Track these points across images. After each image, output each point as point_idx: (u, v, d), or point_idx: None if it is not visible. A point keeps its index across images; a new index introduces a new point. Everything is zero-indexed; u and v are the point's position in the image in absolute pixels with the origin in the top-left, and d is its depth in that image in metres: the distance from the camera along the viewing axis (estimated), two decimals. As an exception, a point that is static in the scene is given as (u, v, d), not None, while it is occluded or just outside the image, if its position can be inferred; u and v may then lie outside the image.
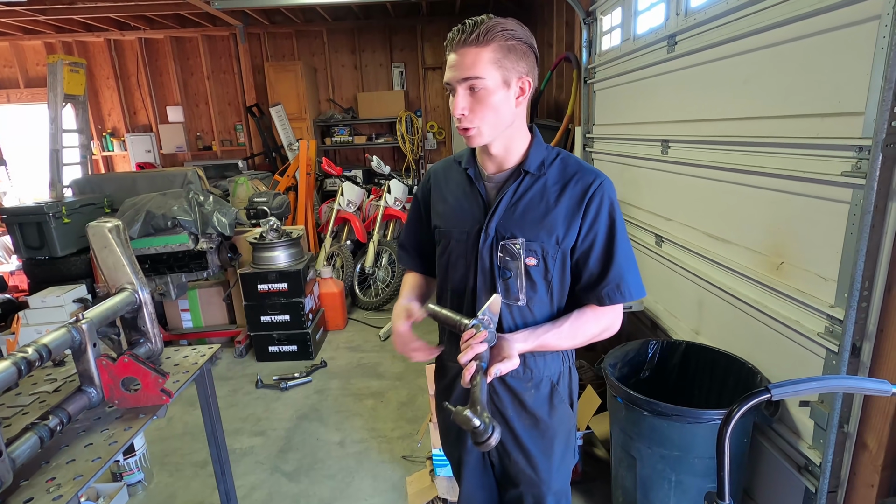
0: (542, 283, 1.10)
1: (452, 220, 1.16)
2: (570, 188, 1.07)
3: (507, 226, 1.09)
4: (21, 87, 6.44)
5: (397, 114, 6.40)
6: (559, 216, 1.07)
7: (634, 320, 2.78)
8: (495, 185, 1.12)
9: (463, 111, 1.01)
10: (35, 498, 0.90)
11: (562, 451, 1.20)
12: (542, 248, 1.08)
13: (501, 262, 1.09)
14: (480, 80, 0.98)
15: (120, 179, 4.70)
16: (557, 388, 1.16)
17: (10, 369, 0.92)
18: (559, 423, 1.17)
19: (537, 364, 1.13)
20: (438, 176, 1.24)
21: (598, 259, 1.08)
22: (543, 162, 1.10)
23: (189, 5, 5.08)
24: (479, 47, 0.98)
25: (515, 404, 1.15)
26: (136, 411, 1.18)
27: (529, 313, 1.11)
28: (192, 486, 2.45)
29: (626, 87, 2.94)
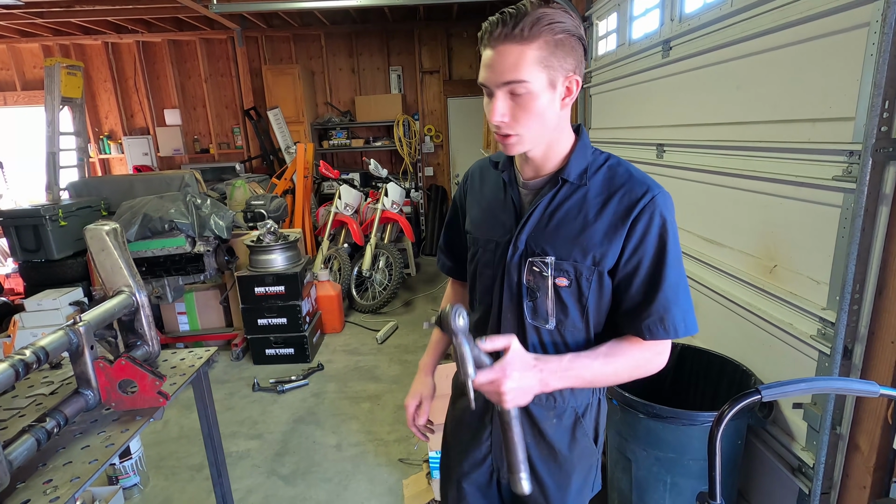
0: (575, 306, 0.97)
1: (483, 228, 1.06)
2: (614, 202, 0.92)
3: (539, 240, 0.96)
4: (18, 90, 6.43)
5: (395, 117, 6.42)
6: (598, 233, 0.93)
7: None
8: (531, 192, 0.99)
9: (503, 118, 0.88)
10: (32, 500, 0.90)
11: (579, 485, 1.08)
12: (574, 269, 0.95)
13: (528, 281, 0.97)
14: (524, 84, 0.84)
15: (117, 182, 4.69)
16: (582, 420, 1.04)
17: (7, 371, 0.92)
18: (579, 457, 1.05)
19: (563, 393, 1.01)
20: (475, 178, 1.14)
21: (641, 286, 0.93)
22: (587, 169, 0.95)
23: (187, 9, 5.09)
24: (522, 44, 0.83)
25: (534, 432, 1.04)
26: (132, 413, 1.18)
27: (560, 337, 0.99)
28: (187, 489, 2.45)
29: (622, 92, 2.97)
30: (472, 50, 6.64)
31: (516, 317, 1.01)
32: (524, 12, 0.83)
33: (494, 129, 0.91)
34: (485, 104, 0.91)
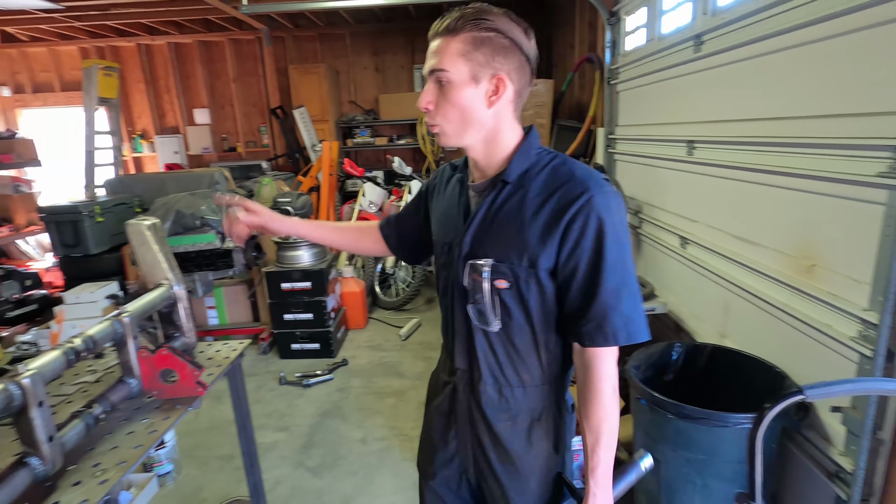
0: (518, 308, 0.96)
1: (440, 230, 1.09)
2: (551, 202, 0.91)
3: (481, 242, 0.97)
4: (57, 91, 6.68)
5: (418, 115, 6.44)
6: (534, 235, 0.92)
7: (658, 323, 2.75)
8: (477, 193, 1.01)
9: (427, 105, 0.92)
10: (83, 482, 0.94)
11: (540, 492, 1.04)
12: (512, 271, 0.94)
13: (470, 284, 0.97)
14: (444, 73, 0.89)
15: (150, 180, 4.83)
16: (539, 424, 1.02)
17: (59, 358, 0.97)
18: (535, 461, 1.03)
19: (515, 396, 1.01)
20: (441, 179, 1.15)
21: (579, 290, 0.92)
22: (528, 170, 0.95)
23: (217, 10, 5.21)
24: (448, 37, 0.89)
25: (490, 435, 1.03)
26: (173, 402, 1.22)
27: (507, 340, 0.99)
28: (218, 478, 2.52)
29: (651, 88, 2.92)
30: (495, 47, 6.61)
31: (464, 319, 1.02)
32: (461, 10, 0.89)
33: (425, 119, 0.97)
34: None
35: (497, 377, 1.01)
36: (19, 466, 0.87)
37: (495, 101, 0.91)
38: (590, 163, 4.16)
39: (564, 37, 5.42)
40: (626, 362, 2.00)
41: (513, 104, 0.94)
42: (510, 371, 1.00)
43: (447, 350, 1.12)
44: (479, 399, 1.03)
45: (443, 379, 1.13)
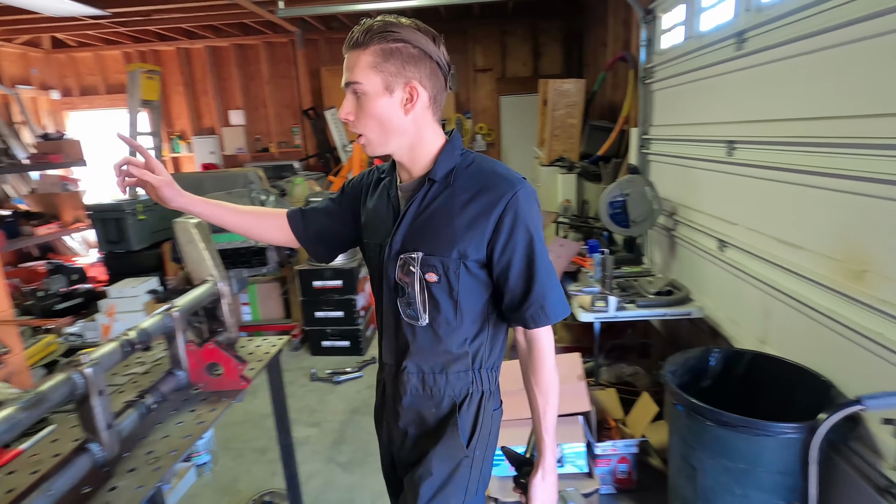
0: (447, 301, 1.00)
1: (370, 231, 1.12)
2: (478, 197, 0.98)
3: (411, 238, 1.01)
4: (102, 94, 6.97)
5: (447, 116, 6.46)
6: (462, 227, 0.98)
7: (693, 328, 2.69)
8: (406, 193, 1.05)
9: (347, 116, 0.96)
10: (137, 468, 0.99)
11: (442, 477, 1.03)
12: (442, 263, 0.98)
13: (400, 279, 1.00)
14: (359, 86, 0.93)
15: (188, 179, 4.99)
16: (458, 411, 1.04)
17: (117, 350, 1.02)
18: (444, 447, 1.04)
19: (437, 382, 1.05)
20: (364, 182, 1.17)
21: (518, 278, 0.99)
22: (454, 169, 1.01)
23: (253, 14, 5.34)
24: (359, 50, 0.92)
25: (417, 420, 1.07)
26: (218, 395, 1.27)
27: (433, 334, 1.02)
28: (253, 470, 2.59)
29: (688, 87, 2.85)
30: (527, 47, 6.58)
31: (394, 315, 1.06)
32: (365, 23, 0.93)
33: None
34: None
35: (421, 367, 1.05)
36: (81, 452, 0.92)
37: (411, 109, 0.96)
38: (622, 163, 4.10)
39: (597, 36, 5.35)
40: (661, 367, 1.96)
41: (430, 109, 0.99)
42: (434, 361, 1.05)
43: (380, 348, 1.15)
44: (404, 389, 1.07)
45: (378, 378, 1.19)
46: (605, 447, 2.18)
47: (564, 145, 4.59)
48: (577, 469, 2.17)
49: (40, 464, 1.02)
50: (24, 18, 5.15)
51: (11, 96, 6.10)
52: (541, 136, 5.26)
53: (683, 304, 2.43)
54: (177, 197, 1.12)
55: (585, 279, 2.82)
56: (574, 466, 2.17)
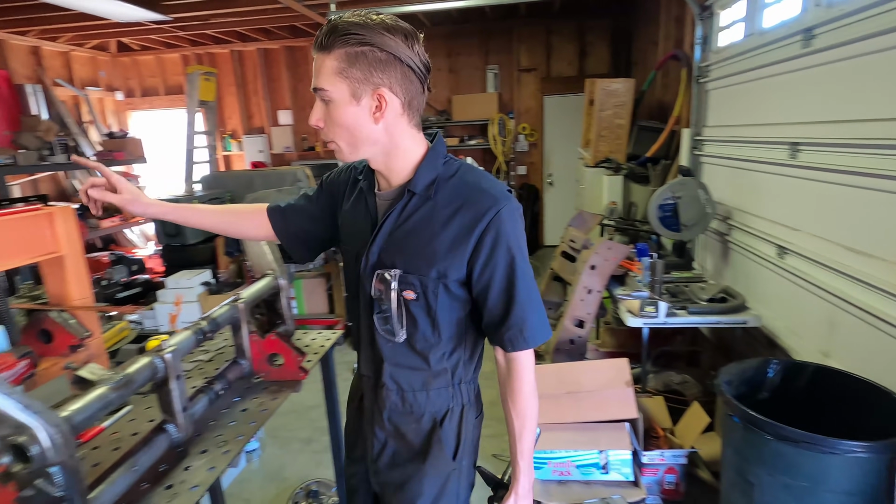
0: (425, 318, 0.97)
1: (346, 235, 1.07)
2: (460, 214, 0.93)
3: (389, 252, 0.96)
4: (161, 95, 7.35)
5: (490, 116, 6.45)
6: (443, 246, 0.93)
7: (747, 337, 2.58)
8: (385, 201, 0.99)
9: (317, 122, 0.91)
10: (209, 450, 1.04)
11: (434, 495, 1.04)
12: (420, 282, 0.95)
13: (377, 294, 0.96)
14: (326, 93, 0.87)
15: (240, 176, 5.19)
16: (441, 427, 1.03)
17: (191, 337, 1.08)
18: (431, 464, 1.03)
19: (417, 399, 1.02)
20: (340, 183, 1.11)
21: (497, 299, 0.96)
22: (435, 180, 0.94)
23: (303, 17, 5.50)
24: (323, 54, 0.86)
25: (396, 434, 1.05)
26: (279, 384, 1.32)
27: (411, 349, 0.99)
28: (298, 459, 2.67)
29: (747, 86, 2.74)
30: (572, 46, 6.48)
31: (368, 328, 1.01)
32: (333, 24, 0.84)
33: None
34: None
35: (400, 383, 1.02)
36: (159, 432, 0.98)
37: (381, 118, 0.89)
38: (672, 165, 3.97)
39: (647, 34, 5.21)
40: (714, 376, 1.90)
41: (405, 116, 0.92)
42: (413, 378, 1.01)
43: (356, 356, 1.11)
44: (383, 405, 1.04)
45: (354, 385, 1.16)
46: (652, 456, 2.13)
47: (611, 146, 4.50)
48: (623, 477, 2.13)
49: (120, 441, 1.09)
50: (94, 24, 5.50)
51: (81, 97, 6.52)
52: (586, 136, 5.17)
53: (739, 313, 2.34)
54: (146, 209, 1.08)
55: (633, 283, 2.76)
56: (619, 474, 2.13)
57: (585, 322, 2.69)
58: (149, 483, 0.94)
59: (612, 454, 2.12)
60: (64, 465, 0.72)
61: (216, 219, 1.16)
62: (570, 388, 2.22)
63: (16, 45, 5.81)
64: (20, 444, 0.69)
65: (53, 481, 0.71)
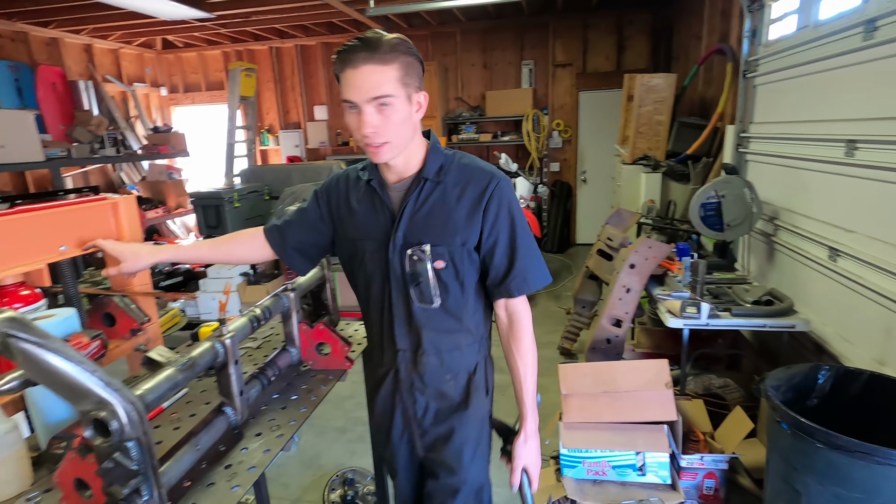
0: (455, 283, 1.13)
1: (360, 230, 1.17)
2: (468, 190, 1.11)
3: (414, 232, 1.11)
4: (203, 90, 7.58)
5: (524, 112, 6.40)
6: (461, 218, 1.11)
7: (793, 342, 2.49)
8: (398, 193, 1.14)
9: (374, 129, 1.01)
10: (263, 434, 1.08)
11: (476, 437, 1.22)
12: (448, 251, 1.11)
13: (411, 268, 1.10)
14: (390, 98, 0.99)
15: (277, 171, 5.32)
16: (474, 377, 1.21)
17: (247, 324, 1.12)
18: (475, 409, 1.21)
19: (453, 358, 1.18)
20: (339, 188, 1.23)
21: (503, 255, 1.13)
22: (442, 167, 1.13)
23: (341, 14, 5.57)
24: (384, 65, 0.98)
25: (436, 396, 1.19)
26: (325, 373, 1.35)
27: (444, 312, 1.14)
28: (333, 448, 2.73)
29: (799, 81, 2.64)
30: (610, 41, 6.35)
31: (405, 304, 1.15)
32: (381, 38, 0.99)
33: (364, 140, 1.04)
34: (349, 118, 1.04)
35: (437, 345, 1.16)
36: (219, 413, 1.02)
37: (419, 116, 1.08)
38: (713, 163, 3.86)
39: (690, 27, 5.06)
40: (759, 381, 1.84)
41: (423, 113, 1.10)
42: (448, 339, 1.17)
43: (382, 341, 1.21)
44: (424, 370, 1.18)
45: (380, 373, 1.23)
46: (691, 460, 2.09)
47: (650, 143, 4.40)
48: (660, 480, 2.10)
49: (179, 421, 1.15)
50: (142, 23, 5.71)
51: (129, 93, 6.79)
52: (623, 133, 5.07)
53: (786, 316, 2.26)
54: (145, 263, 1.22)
55: (673, 283, 2.70)
56: (656, 476, 2.10)
57: (623, 321, 2.65)
58: (208, 462, 0.98)
59: (649, 456, 2.09)
60: (139, 440, 0.76)
61: (214, 252, 1.31)
62: (607, 387, 2.20)
63: (70, 43, 6.09)
64: (101, 419, 0.74)
65: (130, 455, 0.76)
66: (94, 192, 5.04)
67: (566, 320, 3.74)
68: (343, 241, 1.23)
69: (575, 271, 5.73)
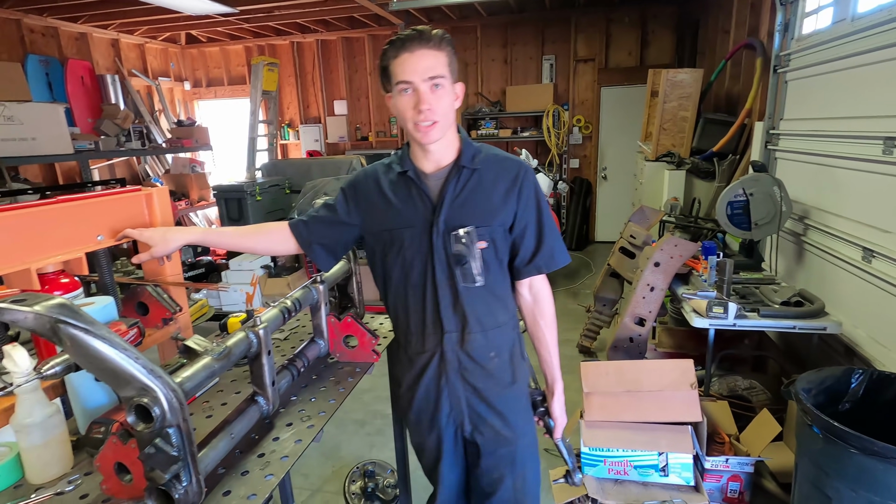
0: (495, 261, 1.22)
1: (401, 220, 1.22)
2: (501, 176, 1.21)
3: (456, 217, 1.18)
4: (225, 85, 7.67)
5: (545, 107, 6.34)
6: (497, 201, 1.20)
7: (822, 345, 2.43)
8: (437, 181, 1.21)
9: (430, 106, 1.09)
10: (293, 424, 1.09)
11: (525, 403, 1.34)
12: (489, 232, 1.19)
13: (456, 251, 1.16)
14: (443, 79, 1.11)
15: (298, 165, 5.37)
16: (514, 350, 1.30)
17: (279, 315, 1.13)
18: (522, 379, 1.32)
19: (497, 335, 1.26)
20: (367, 184, 1.27)
21: (532, 235, 1.24)
22: (474, 156, 1.21)
23: (362, 8, 5.58)
24: (438, 51, 1.10)
25: (484, 374, 1.25)
26: (352, 365, 1.36)
27: (486, 291, 1.21)
28: (353, 440, 2.75)
29: (834, 76, 2.56)
30: (633, 35, 6.25)
31: (450, 285, 1.21)
32: (432, 30, 1.11)
33: (420, 119, 1.11)
34: (402, 101, 1.12)
35: (483, 323, 1.23)
36: (251, 403, 1.03)
37: (459, 104, 1.19)
38: (740, 160, 3.78)
39: (716, 21, 4.95)
40: (787, 384, 1.80)
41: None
42: (491, 317, 1.24)
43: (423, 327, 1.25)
44: (471, 348, 1.23)
45: (422, 360, 1.27)
46: (716, 462, 2.05)
47: (674, 139, 4.32)
48: (683, 481, 2.07)
49: (211, 409, 1.16)
50: (168, 18, 5.79)
51: (153, 87, 6.90)
52: (646, 129, 4.99)
53: (817, 318, 2.20)
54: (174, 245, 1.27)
55: (698, 282, 2.65)
56: (679, 478, 2.07)
57: (646, 320, 2.61)
58: (242, 450, 1.00)
59: (672, 457, 2.06)
60: (179, 427, 0.78)
61: (240, 240, 1.37)
62: (630, 386, 2.17)
63: (98, 38, 6.21)
64: (144, 405, 0.75)
65: (171, 441, 0.77)
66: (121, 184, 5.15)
67: (585, 318, 3.71)
68: (375, 232, 1.26)
69: (594, 269, 5.67)
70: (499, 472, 1.30)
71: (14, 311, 0.68)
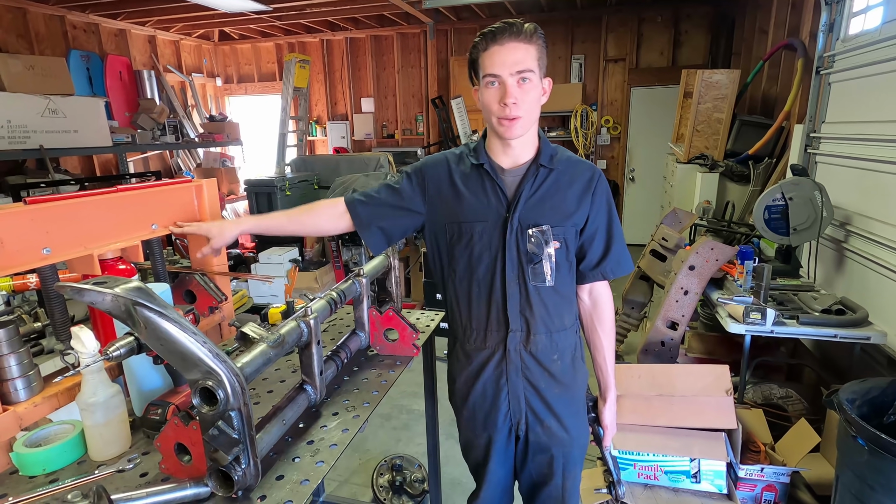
0: (565, 262, 1.21)
1: (474, 214, 1.20)
2: (577, 178, 1.20)
3: (531, 215, 1.17)
4: (256, 81, 7.81)
5: (573, 107, 6.29)
6: (572, 203, 1.19)
7: (862, 355, 2.36)
8: (514, 178, 1.19)
9: (516, 100, 1.07)
10: (339, 413, 1.11)
11: (582, 407, 1.33)
12: (563, 233, 1.18)
13: (530, 249, 1.16)
14: (532, 73, 1.07)
15: (326, 161, 5.42)
16: (575, 354, 1.28)
17: (326, 306, 1.15)
18: (582, 382, 1.31)
19: (561, 338, 1.24)
20: (439, 173, 1.24)
21: (602, 240, 1.23)
22: (552, 156, 1.20)
23: (392, 6, 5.62)
24: (528, 44, 1.07)
25: (546, 375, 1.24)
26: (392, 358, 1.37)
27: (554, 291, 1.20)
28: (379, 434, 2.78)
29: (883, 79, 2.48)
30: (665, 35, 6.15)
31: (520, 282, 1.19)
32: (523, 23, 1.07)
33: (505, 113, 1.08)
34: (488, 94, 1.10)
35: (548, 324, 1.21)
36: (300, 391, 1.06)
37: (544, 100, 1.15)
38: (777, 164, 3.68)
39: (753, 21, 4.84)
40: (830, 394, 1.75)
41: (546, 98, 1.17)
42: (558, 318, 1.22)
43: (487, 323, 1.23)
44: (536, 349, 1.22)
45: (482, 356, 1.25)
46: (751, 471, 2.01)
47: (707, 142, 4.24)
48: (715, 489, 2.04)
49: (258, 396, 1.19)
50: (203, 15, 5.92)
51: (187, 83, 7.07)
52: (678, 130, 4.91)
53: (860, 327, 2.14)
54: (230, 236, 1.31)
55: (733, 287, 2.60)
56: (711, 485, 2.04)
57: (679, 324, 2.57)
58: (291, 437, 1.02)
59: (704, 463, 2.03)
60: (240, 410, 0.80)
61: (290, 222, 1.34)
62: (662, 390, 2.15)
63: (136, 34, 6.39)
64: (209, 388, 0.77)
65: (233, 424, 0.79)
66: (157, 176, 5.29)
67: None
68: (444, 223, 1.23)
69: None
70: (550, 469, 1.30)
71: (94, 291, 0.71)
